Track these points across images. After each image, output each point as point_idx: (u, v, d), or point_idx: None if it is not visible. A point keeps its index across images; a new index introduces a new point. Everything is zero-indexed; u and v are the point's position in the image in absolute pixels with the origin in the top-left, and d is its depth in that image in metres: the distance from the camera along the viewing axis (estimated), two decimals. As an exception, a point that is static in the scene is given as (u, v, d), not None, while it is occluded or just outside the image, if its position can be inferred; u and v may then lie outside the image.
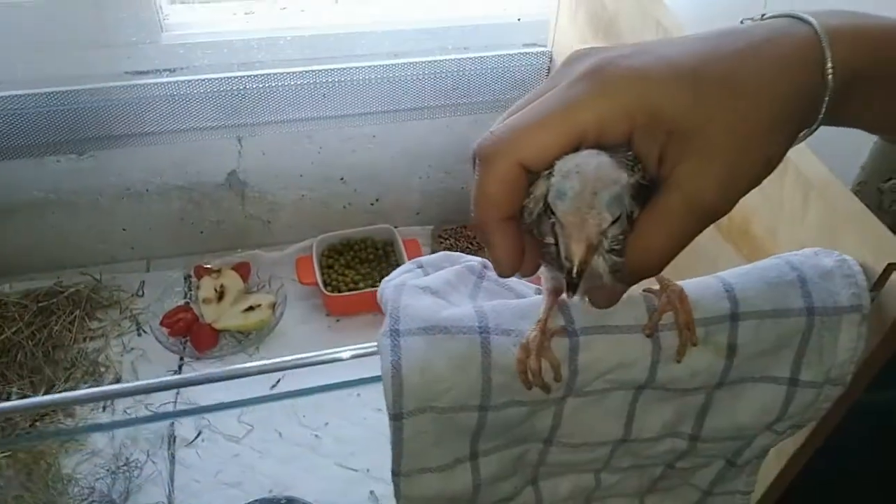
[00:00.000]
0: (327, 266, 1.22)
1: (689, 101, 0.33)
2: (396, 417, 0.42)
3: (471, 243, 1.25)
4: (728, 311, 0.44)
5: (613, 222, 0.32)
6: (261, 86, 1.05)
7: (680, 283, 0.45)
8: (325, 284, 1.17)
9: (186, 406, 1.05)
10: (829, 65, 0.34)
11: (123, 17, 1.00)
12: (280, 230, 1.28)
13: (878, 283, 0.47)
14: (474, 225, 0.36)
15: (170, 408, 1.04)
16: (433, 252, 1.24)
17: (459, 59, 1.11)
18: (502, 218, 0.35)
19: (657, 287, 0.45)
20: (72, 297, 1.16)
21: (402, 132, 1.18)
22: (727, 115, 0.33)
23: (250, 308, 1.14)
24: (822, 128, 0.37)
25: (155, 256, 1.26)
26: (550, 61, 1.13)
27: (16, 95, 0.98)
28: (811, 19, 0.35)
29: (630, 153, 0.33)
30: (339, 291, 1.18)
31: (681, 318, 0.43)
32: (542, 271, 0.44)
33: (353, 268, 1.22)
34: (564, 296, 0.43)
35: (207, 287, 1.17)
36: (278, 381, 1.04)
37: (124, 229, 1.22)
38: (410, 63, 1.09)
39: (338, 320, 1.19)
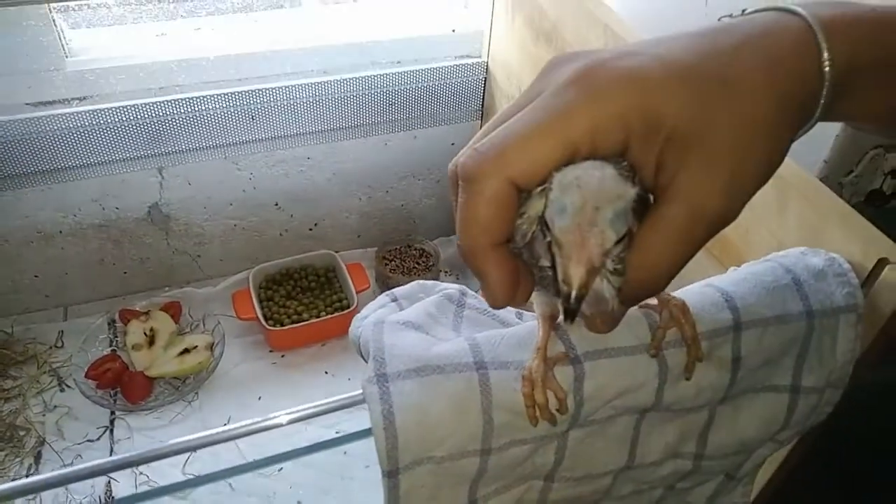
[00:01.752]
0: (266, 298, 1.15)
1: (689, 103, 0.30)
2: (391, 474, 0.37)
3: (417, 262, 1.20)
4: (730, 321, 0.42)
5: (618, 241, 0.29)
6: (181, 111, 0.98)
7: (677, 293, 0.42)
8: (266, 318, 1.10)
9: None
10: (826, 56, 0.32)
11: (22, 42, 0.91)
12: (211, 264, 1.19)
13: (868, 280, 0.46)
14: (462, 253, 0.32)
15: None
16: (378, 275, 1.19)
17: (392, 74, 1.07)
18: (494, 243, 0.31)
19: (655, 302, 0.42)
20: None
21: (336, 152, 1.13)
22: (729, 116, 0.31)
23: (185, 351, 1.05)
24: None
25: (73, 303, 1.15)
26: (487, 72, 1.11)
27: None
28: (802, 11, 0.33)
29: (626, 163, 0.30)
30: (282, 325, 1.11)
31: (686, 333, 0.40)
32: (535, 295, 0.40)
33: (295, 298, 1.16)
34: (561, 320, 0.40)
35: (136, 332, 1.07)
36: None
37: (36, 276, 1.11)
38: (341, 80, 1.04)
39: (283, 356, 1.12)
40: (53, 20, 0.93)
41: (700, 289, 0.44)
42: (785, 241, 0.53)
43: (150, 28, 1.06)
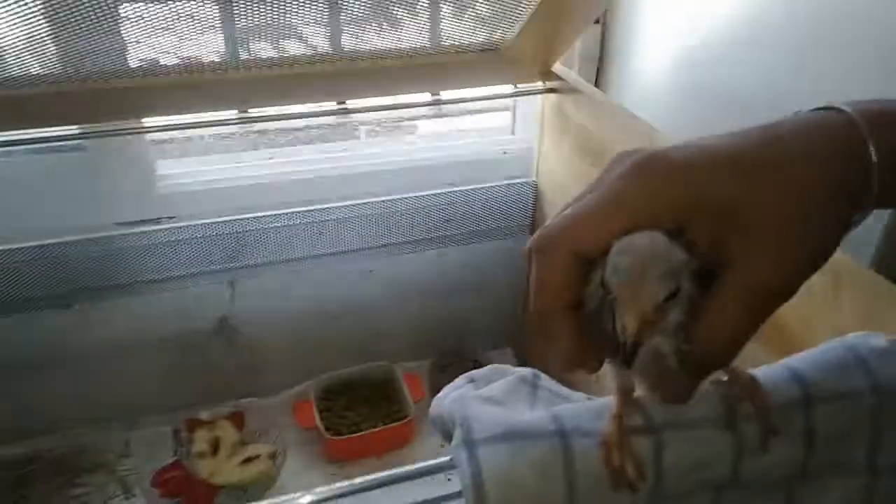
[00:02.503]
0: (325, 409, 1.17)
1: (737, 184, 0.34)
2: (481, 537, 0.38)
3: (472, 373, 1.22)
4: (800, 395, 0.43)
5: (669, 298, 0.32)
6: (254, 228, 1.06)
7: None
8: (326, 428, 1.12)
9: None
10: (872, 146, 0.35)
11: (115, 168, 1.02)
12: (274, 375, 1.23)
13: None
14: (535, 317, 0.36)
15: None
16: (434, 386, 1.21)
17: (448, 193, 1.15)
18: (563, 305, 0.35)
19: (725, 378, 0.44)
20: (53, 462, 1.08)
21: (394, 266, 1.19)
22: (774, 195, 0.34)
23: (248, 460, 1.07)
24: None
25: (141, 412, 1.19)
26: (536, 190, 1.18)
27: (9, 249, 0.97)
28: (844, 107, 0.37)
29: (685, 238, 0.34)
30: (340, 434, 1.12)
31: (758, 404, 0.42)
32: (609, 370, 0.43)
33: (353, 409, 1.18)
34: (636, 393, 0.42)
35: (201, 440, 1.10)
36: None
37: (108, 385, 1.16)
38: (400, 199, 1.12)
39: (341, 467, 1.12)
40: (147, 151, 1.05)
41: (768, 367, 0.46)
42: (845, 329, 0.55)
43: (230, 157, 1.17)
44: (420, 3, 0.82)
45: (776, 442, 0.43)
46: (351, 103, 1.01)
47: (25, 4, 0.68)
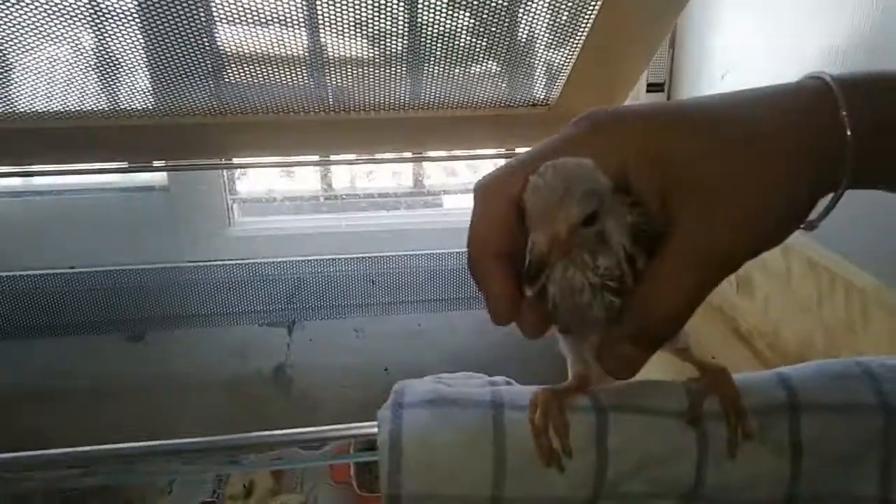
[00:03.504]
0: (365, 466, 1.14)
1: (692, 143, 0.31)
2: (394, 500, 0.35)
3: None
4: (785, 400, 0.38)
5: (589, 223, 0.30)
6: (314, 271, 1.10)
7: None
8: (360, 486, 1.09)
9: None
10: (844, 111, 0.32)
11: (194, 210, 1.10)
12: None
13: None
14: (468, 265, 0.34)
15: None
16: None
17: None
18: (494, 253, 0.33)
19: (699, 376, 0.39)
20: (94, 491, 1.11)
21: (448, 324, 1.18)
22: (734, 158, 0.31)
23: (278, 508, 1.06)
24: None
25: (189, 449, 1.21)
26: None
27: (87, 273, 1.05)
28: (822, 74, 0.35)
29: (629, 197, 0.32)
30: (373, 492, 1.08)
31: (726, 400, 0.37)
32: (564, 349, 0.40)
33: (392, 469, 1.14)
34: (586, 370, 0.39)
35: (235, 483, 1.10)
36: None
37: (163, 421, 1.20)
38: (457, 252, 1.13)
39: (371, 528, 1.08)
40: (227, 203, 1.13)
41: (756, 372, 0.41)
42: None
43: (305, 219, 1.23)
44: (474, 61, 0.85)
45: (752, 451, 0.37)
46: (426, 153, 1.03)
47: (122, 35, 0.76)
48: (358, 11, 0.74)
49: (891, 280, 0.48)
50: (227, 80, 0.87)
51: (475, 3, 0.74)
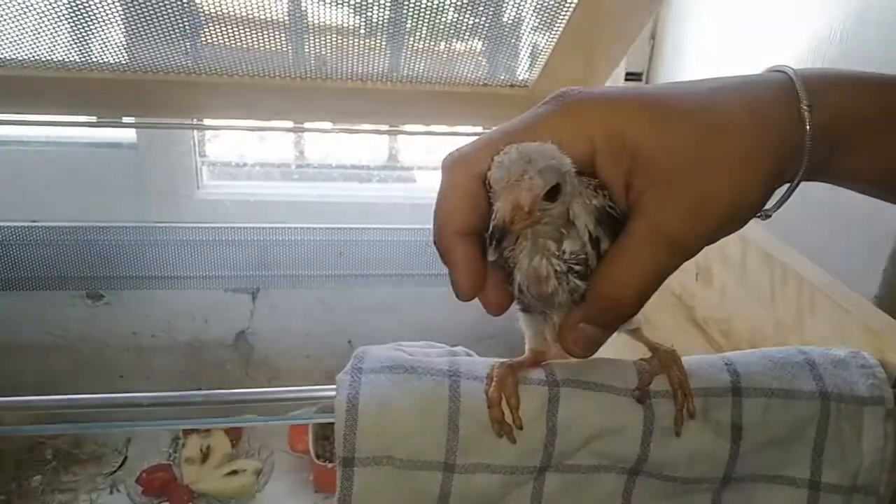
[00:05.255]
0: (322, 437, 1.15)
1: (655, 128, 0.32)
2: (347, 462, 0.36)
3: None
4: (728, 383, 0.40)
5: (553, 198, 0.31)
6: (281, 239, 1.09)
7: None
8: (318, 455, 1.10)
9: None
10: (805, 104, 0.33)
11: (163, 170, 1.08)
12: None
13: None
14: (434, 241, 0.34)
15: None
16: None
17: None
18: (458, 231, 0.33)
19: (650, 356, 0.41)
20: (52, 449, 1.10)
21: (414, 299, 1.19)
22: (695, 144, 0.32)
23: (233, 472, 1.06)
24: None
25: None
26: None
27: (49, 227, 1.03)
28: (786, 68, 0.36)
29: (595, 180, 0.33)
30: (330, 461, 1.09)
31: (674, 379, 0.38)
32: (523, 325, 0.41)
33: (350, 440, 1.15)
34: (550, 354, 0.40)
35: (193, 446, 1.10)
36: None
37: (120, 380, 1.19)
38: (426, 228, 1.13)
39: (326, 497, 1.09)
40: (197, 165, 1.11)
41: (702, 355, 0.42)
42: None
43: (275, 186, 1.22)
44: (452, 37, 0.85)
45: (694, 430, 0.39)
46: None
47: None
48: (340, -22, 0.74)
49: (840, 275, 0.50)
50: (204, 39, 0.86)
51: (460, -22, 0.74)
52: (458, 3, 0.80)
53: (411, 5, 0.77)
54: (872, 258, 0.57)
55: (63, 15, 0.77)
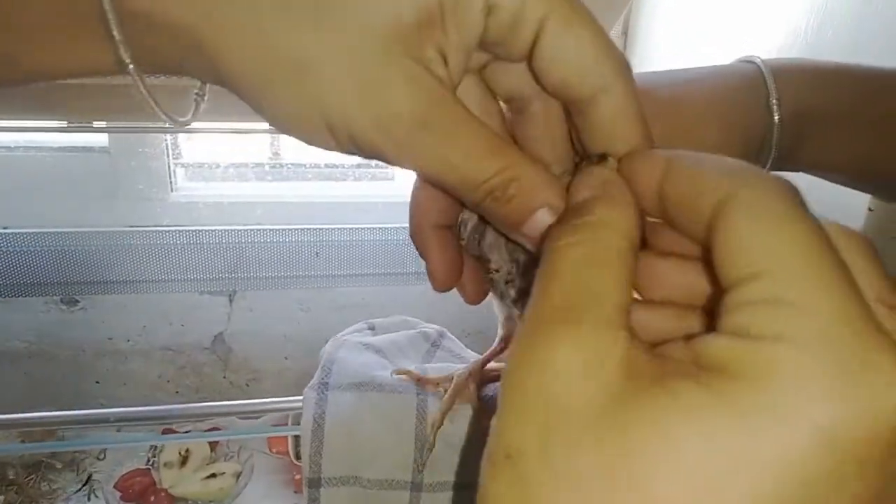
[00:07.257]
0: (303, 438, 1.15)
1: None
2: (313, 483, 0.36)
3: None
4: None
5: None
6: (255, 240, 1.09)
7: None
8: (297, 457, 1.09)
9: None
10: (774, 96, 0.34)
11: (136, 173, 1.07)
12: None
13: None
14: (410, 234, 0.35)
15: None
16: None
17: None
18: (434, 224, 0.34)
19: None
20: (30, 455, 1.09)
21: (393, 298, 1.19)
22: (669, 136, 0.33)
23: (212, 475, 1.06)
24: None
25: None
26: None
27: (21, 233, 1.02)
28: (755, 59, 0.37)
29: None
30: (311, 463, 1.09)
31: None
32: (496, 309, 0.41)
33: (330, 441, 1.15)
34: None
35: (171, 451, 1.09)
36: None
37: (97, 386, 1.18)
38: (403, 227, 1.13)
39: (306, 498, 1.09)
40: (170, 168, 1.10)
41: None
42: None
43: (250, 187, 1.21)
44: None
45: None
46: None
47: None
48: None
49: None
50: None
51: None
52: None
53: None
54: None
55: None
